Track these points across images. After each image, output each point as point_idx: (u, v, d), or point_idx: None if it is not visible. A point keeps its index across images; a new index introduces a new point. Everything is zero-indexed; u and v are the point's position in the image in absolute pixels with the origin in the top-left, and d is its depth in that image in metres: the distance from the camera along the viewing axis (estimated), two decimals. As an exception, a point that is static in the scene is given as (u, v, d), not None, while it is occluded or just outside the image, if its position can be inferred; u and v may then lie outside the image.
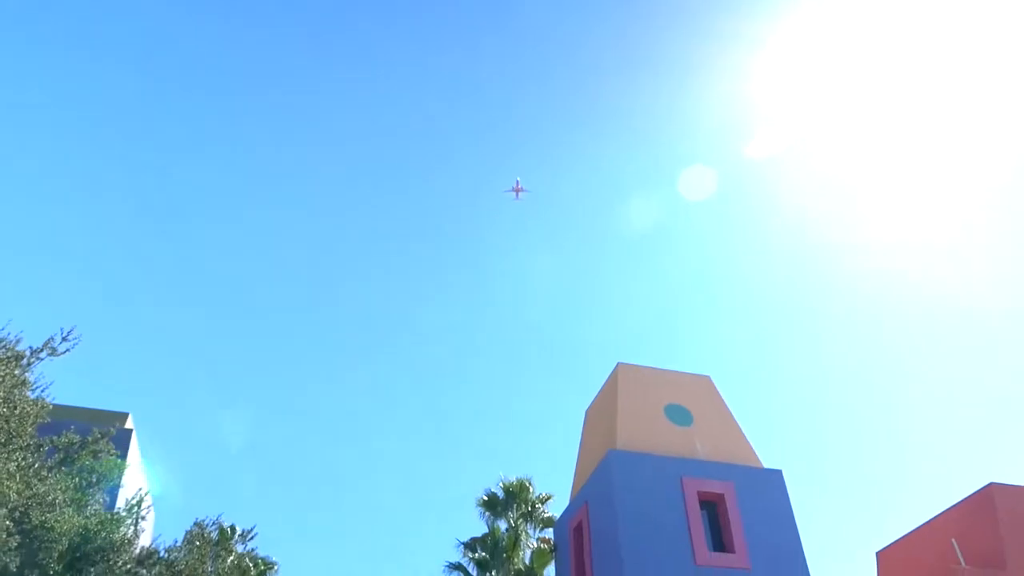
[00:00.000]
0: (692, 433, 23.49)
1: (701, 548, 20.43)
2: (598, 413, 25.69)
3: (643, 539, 20.10)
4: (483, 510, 27.14)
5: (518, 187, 57.51)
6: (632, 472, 21.47)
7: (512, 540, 25.76)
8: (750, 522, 21.33)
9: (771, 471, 23.00)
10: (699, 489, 21.57)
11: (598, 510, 22.17)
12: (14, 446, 9.86)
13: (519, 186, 57.56)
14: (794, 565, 20.87)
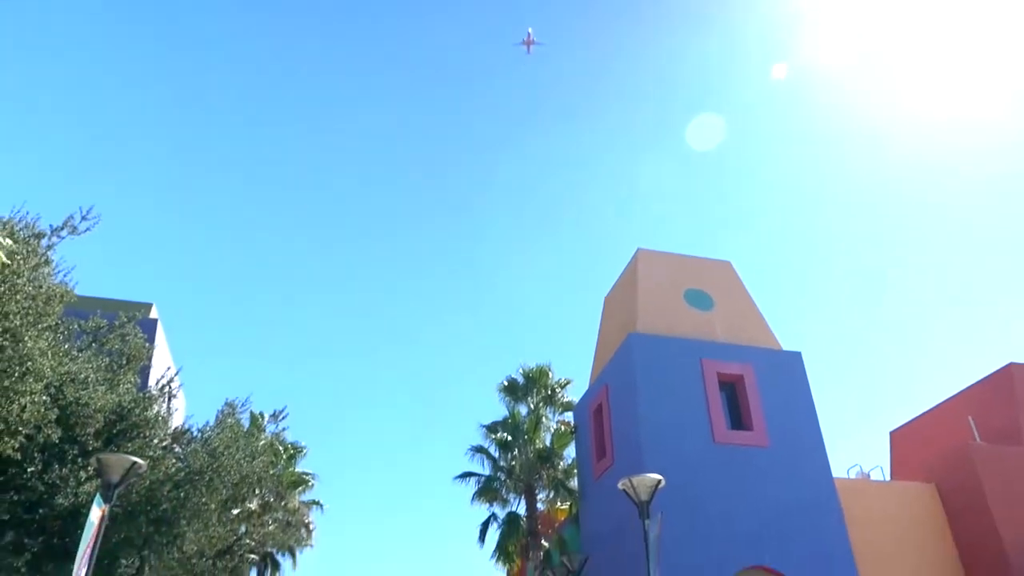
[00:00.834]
0: (712, 317, 23.49)
1: (720, 426, 20.80)
2: (617, 299, 25.68)
3: (662, 418, 20.45)
4: (504, 395, 27.72)
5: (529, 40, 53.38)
6: (652, 354, 21.62)
7: (533, 423, 26.39)
8: (768, 402, 21.61)
9: (790, 353, 23.10)
10: (718, 370, 21.76)
11: (618, 391, 22.50)
12: (43, 325, 9.90)
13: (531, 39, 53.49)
14: (811, 443, 21.25)
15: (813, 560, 19.29)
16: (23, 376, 9.14)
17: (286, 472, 29.53)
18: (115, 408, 12.00)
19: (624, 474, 21.07)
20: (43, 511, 11.23)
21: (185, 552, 12.93)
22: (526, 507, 25.76)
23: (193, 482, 12.57)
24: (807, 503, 20.13)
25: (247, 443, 13.79)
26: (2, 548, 10.37)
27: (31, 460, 10.65)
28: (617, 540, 20.98)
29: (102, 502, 10.19)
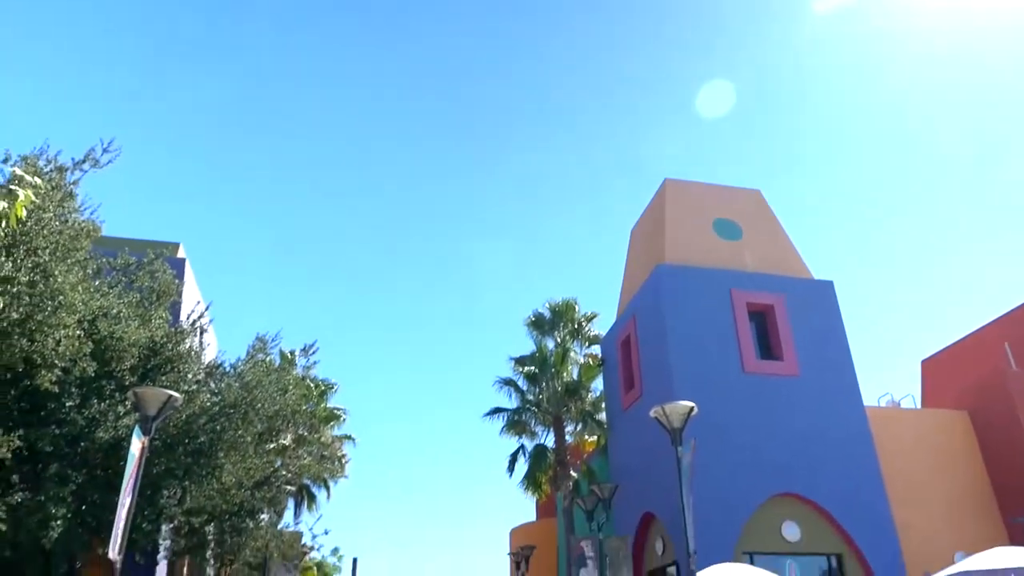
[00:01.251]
0: (741, 247, 23.10)
1: (749, 356, 20.65)
2: (645, 231, 25.31)
3: (691, 349, 20.34)
4: (531, 330, 27.70)
5: None
6: (680, 285, 21.38)
7: (560, 356, 26.41)
8: (799, 332, 21.37)
9: (821, 282, 22.73)
10: (748, 300, 21.50)
11: (646, 323, 22.37)
12: (72, 260, 9.90)
13: None
14: (842, 373, 21.07)
15: (843, 488, 19.34)
16: (56, 310, 9.17)
17: (318, 408, 30.09)
18: (148, 343, 12.09)
19: (652, 405, 21.19)
20: (85, 444, 11.46)
21: (224, 483, 13.17)
22: (554, 439, 26.01)
23: (228, 415, 12.74)
24: (837, 432, 20.08)
25: (279, 378, 13.89)
26: (48, 479, 10.60)
27: (69, 394, 10.81)
28: (645, 469, 21.17)
29: (141, 434, 10.34)
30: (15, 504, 9.92)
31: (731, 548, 17.68)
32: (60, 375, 9.87)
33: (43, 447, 10.54)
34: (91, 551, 12.12)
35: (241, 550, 14.09)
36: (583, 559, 19.15)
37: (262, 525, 14.97)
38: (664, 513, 20.17)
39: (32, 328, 9.15)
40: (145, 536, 12.73)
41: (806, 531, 19.16)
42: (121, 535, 9.78)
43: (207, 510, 13.17)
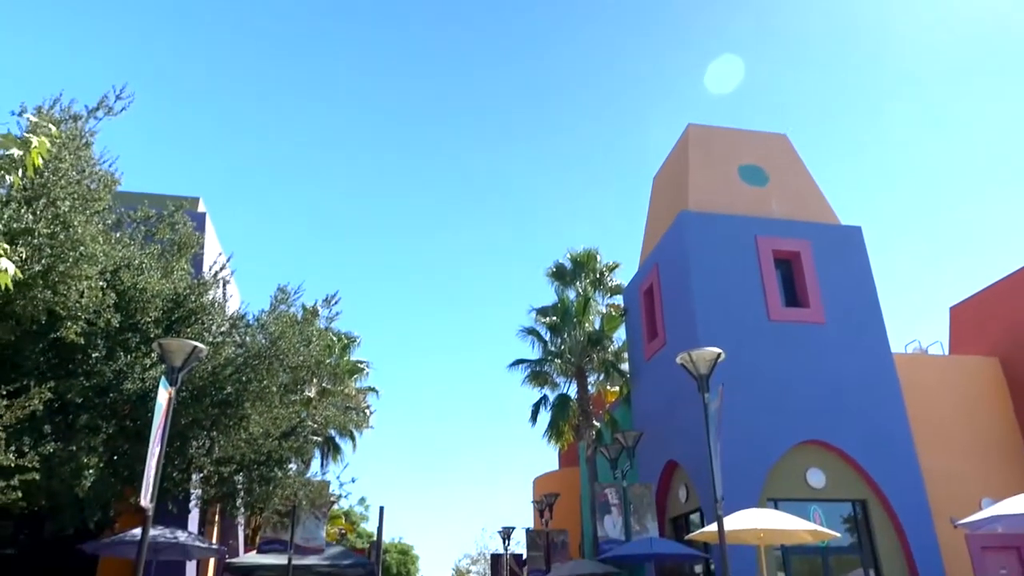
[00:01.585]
0: (767, 193, 22.63)
1: (775, 303, 20.38)
2: (668, 177, 24.85)
3: (716, 297, 20.09)
4: (552, 281, 27.56)
5: None
6: (704, 232, 21.03)
7: (581, 306, 26.27)
8: (826, 279, 21.02)
9: (849, 228, 22.26)
10: (774, 248, 21.13)
11: (669, 271, 22.10)
12: (91, 210, 9.83)
13: None
14: (870, 320, 20.75)
15: (869, 434, 19.21)
16: (77, 261, 9.12)
17: (341, 361, 30.31)
18: (171, 295, 12.08)
19: (676, 354, 21.07)
20: (113, 395, 11.55)
21: (251, 433, 13.28)
22: (577, 389, 26.06)
23: (253, 366, 12.77)
24: (864, 379, 19.87)
25: (302, 329, 13.87)
26: (79, 430, 10.72)
27: (95, 346, 10.85)
28: (668, 418, 21.14)
29: (168, 385, 10.39)
30: (48, 454, 10.04)
31: (755, 495, 17.69)
32: (85, 327, 9.87)
33: (73, 398, 10.62)
34: (124, 500, 12.30)
35: (270, 499, 14.25)
36: (607, 506, 19.29)
37: (290, 474, 15.13)
38: (687, 461, 20.19)
39: (55, 279, 9.12)
40: (176, 485, 12.93)
41: (831, 478, 19.12)
42: (152, 484, 9.90)
43: (235, 460, 13.31)
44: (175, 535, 13.15)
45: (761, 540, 12.87)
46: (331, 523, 33.39)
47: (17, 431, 9.80)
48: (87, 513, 11.28)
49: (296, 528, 16.56)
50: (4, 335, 9.25)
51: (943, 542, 18.72)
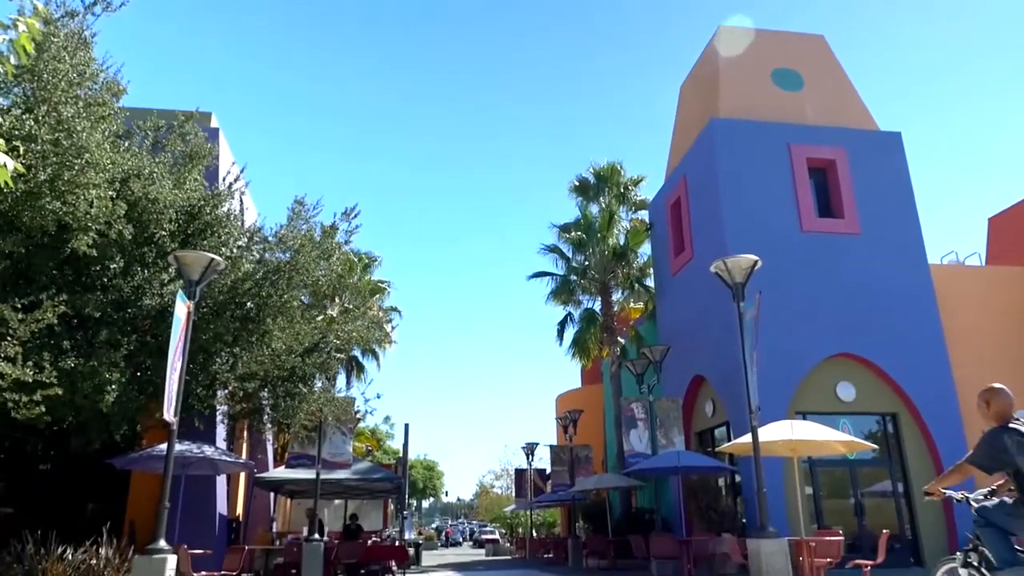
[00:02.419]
0: (802, 98, 21.54)
1: (808, 214, 19.65)
2: (696, 84, 23.74)
3: (746, 208, 19.39)
4: (575, 195, 26.84)
5: None
6: (735, 140, 20.15)
7: (605, 221, 25.64)
8: (862, 188, 20.18)
9: (888, 134, 21.22)
10: (808, 155, 20.23)
11: (698, 182, 21.33)
12: (96, 115, 9.33)
13: None
14: (907, 230, 19.99)
15: (903, 347, 18.76)
16: (83, 169, 8.68)
17: (362, 281, 30.14)
18: (185, 207, 11.67)
19: (704, 268, 20.53)
20: (132, 311, 11.32)
21: (274, 349, 13.08)
22: (601, 305, 25.71)
23: (272, 281, 12.45)
24: (899, 290, 19.28)
25: (322, 242, 13.46)
26: (99, 345, 10.53)
27: (110, 259, 10.53)
28: (695, 333, 20.79)
29: (185, 298, 10.11)
30: (69, 369, 9.88)
31: (784, 408, 17.44)
32: (96, 238, 9.52)
33: (90, 313, 10.38)
34: (150, 415, 12.25)
35: (295, 414, 14.17)
36: (633, 420, 19.19)
37: (315, 390, 15.03)
38: (714, 375, 19.94)
39: (61, 188, 8.72)
40: (201, 401, 12.84)
41: (861, 391, 18.81)
42: (175, 398, 9.75)
43: (259, 376, 13.17)
44: (202, 450, 13.16)
45: (794, 451, 12.64)
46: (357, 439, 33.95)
47: (36, 347, 9.61)
48: (112, 428, 11.22)
49: (323, 443, 16.60)
50: (14, 247, 8.92)
51: (974, 454, 18.49)
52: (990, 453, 5.04)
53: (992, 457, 5.01)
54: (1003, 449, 4.89)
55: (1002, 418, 5.10)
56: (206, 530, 15.41)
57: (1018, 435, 4.87)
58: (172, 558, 9.37)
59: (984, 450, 5.10)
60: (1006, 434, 4.94)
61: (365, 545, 17.59)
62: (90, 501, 15.75)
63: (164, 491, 9.65)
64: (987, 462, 5.08)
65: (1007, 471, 4.99)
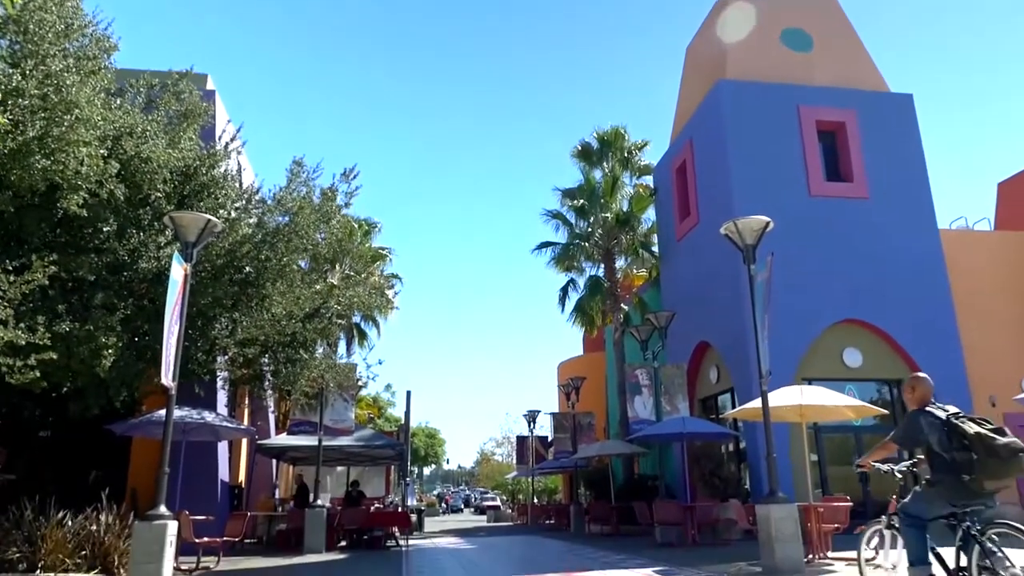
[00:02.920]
0: (811, 59, 21.03)
1: (816, 178, 19.30)
2: (703, 46, 23.19)
3: (753, 171, 19.02)
4: (578, 161, 26.43)
5: None
6: (743, 102, 19.70)
7: (609, 186, 25.27)
8: (872, 151, 19.79)
9: (899, 95, 20.76)
10: (817, 118, 19.81)
11: (705, 146, 20.92)
12: (86, 70, 8.97)
13: None
14: (916, 194, 19.64)
15: (911, 313, 18.54)
16: (73, 126, 8.35)
17: (363, 247, 29.84)
18: (180, 167, 11.32)
19: (710, 232, 20.21)
20: (128, 274, 11.06)
21: (274, 314, 12.84)
22: (604, 272, 25.44)
23: (271, 244, 12.16)
24: (908, 256, 19.01)
25: (321, 205, 13.13)
26: (95, 309, 10.28)
27: (103, 220, 10.23)
28: (700, 299, 20.55)
29: (182, 260, 9.84)
30: (64, 333, 9.64)
31: (790, 375, 17.23)
32: (87, 198, 9.21)
33: (84, 276, 10.12)
34: (149, 381, 12.03)
35: (296, 380, 13.98)
36: (638, 387, 19.03)
37: (316, 356, 14.83)
38: (719, 342, 19.75)
39: (51, 146, 8.39)
40: (200, 367, 12.63)
41: (868, 357, 18.63)
42: (172, 362, 9.52)
43: (259, 341, 12.94)
44: (202, 416, 12.99)
45: (803, 417, 12.44)
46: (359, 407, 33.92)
47: (31, 310, 9.37)
48: (111, 394, 11.01)
49: (325, 410, 16.46)
50: (3, 206, 8.63)
51: (980, 420, 18.35)
52: (908, 432, 5.53)
53: (910, 436, 5.52)
54: (919, 429, 5.40)
55: (922, 402, 5.61)
56: (208, 496, 15.33)
57: (932, 417, 5.38)
58: (173, 524, 9.21)
59: (904, 429, 5.60)
60: (923, 416, 5.44)
61: (367, 511, 17.55)
62: (92, 468, 15.64)
63: (163, 457, 9.47)
64: (906, 440, 5.61)
65: (921, 448, 5.49)
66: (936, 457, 5.29)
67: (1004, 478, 5.06)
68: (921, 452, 5.54)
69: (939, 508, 5.35)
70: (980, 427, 5.15)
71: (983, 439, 5.03)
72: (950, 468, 5.16)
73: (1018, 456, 5.00)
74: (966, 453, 5.08)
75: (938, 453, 5.25)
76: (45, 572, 8.96)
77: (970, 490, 5.12)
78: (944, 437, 5.24)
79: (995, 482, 5.08)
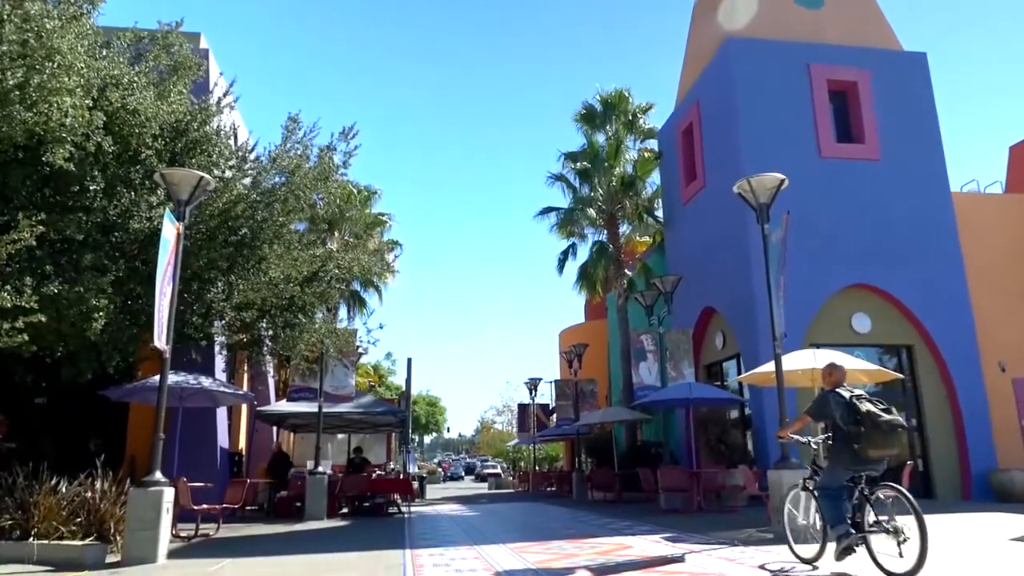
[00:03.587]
0: (822, 16, 20.40)
1: (827, 139, 18.81)
2: (711, 2, 22.50)
3: (762, 132, 18.51)
4: (581, 124, 25.83)
5: None
6: (752, 61, 19.13)
7: (613, 150, 24.75)
8: (883, 112, 19.27)
9: (913, 54, 20.17)
10: (828, 77, 19.25)
11: (712, 107, 20.39)
12: (68, 15, 8.49)
13: None
14: (929, 156, 19.17)
15: (921, 278, 18.19)
16: (55, 74, 7.89)
17: (362, 213, 29.38)
18: (171, 122, 10.85)
19: (717, 195, 19.78)
20: (119, 235, 10.67)
21: (272, 277, 12.47)
22: (608, 237, 25.02)
23: (267, 203, 11.74)
24: (920, 219, 18.60)
25: (319, 163, 12.67)
26: (85, 270, 9.90)
27: (92, 177, 9.80)
28: (706, 263, 20.18)
29: (174, 219, 9.45)
30: (52, 295, 9.28)
31: (798, 341, 16.91)
32: (73, 151, 8.78)
33: (73, 235, 9.73)
34: (145, 347, 11.69)
35: (295, 345, 13.66)
36: (643, 353, 18.74)
37: (316, 321, 14.49)
38: (726, 307, 19.42)
39: (33, 96, 7.95)
40: (196, 331, 12.31)
41: (877, 323, 18.31)
42: (165, 325, 9.18)
43: (256, 304, 12.59)
44: (199, 381, 12.68)
45: (814, 381, 12.13)
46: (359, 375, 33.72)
47: (17, 271, 9.00)
48: (104, 358, 10.68)
49: (325, 376, 16.18)
50: (-17, 160, 8.21)
51: (989, 388, 18.11)
52: (819, 408, 6.71)
53: (821, 410, 6.69)
54: (829, 405, 6.54)
55: (835, 384, 6.76)
56: (207, 463, 15.09)
57: (839, 396, 6.49)
58: (169, 491, 8.95)
59: (817, 405, 6.78)
60: (832, 395, 6.59)
61: (370, 478, 17.36)
62: (92, 436, 15.38)
63: (158, 422, 9.18)
64: (818, 414, 6.76)
65: (828, 421, 6.63)
66: (837, 430, 6.41)
67: (886, 448, 6.12)
68: (828, 425, 6.62)
69: (841, 476, 6.39)
70: (872, 406, 6.20)
71: (871, 415, 6.10)
72: (846, 438, 6.28)
73: (896, 430, 6.08)
74: (857, 427, 6.16)
75: (839, 426, 6.36)
76: (39, 539, 8.70)
77: (860, 458, 6.18)
78: (845, 413, 6.31)
79: (879, 451, 6.13)
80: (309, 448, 19.49)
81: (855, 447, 6.13)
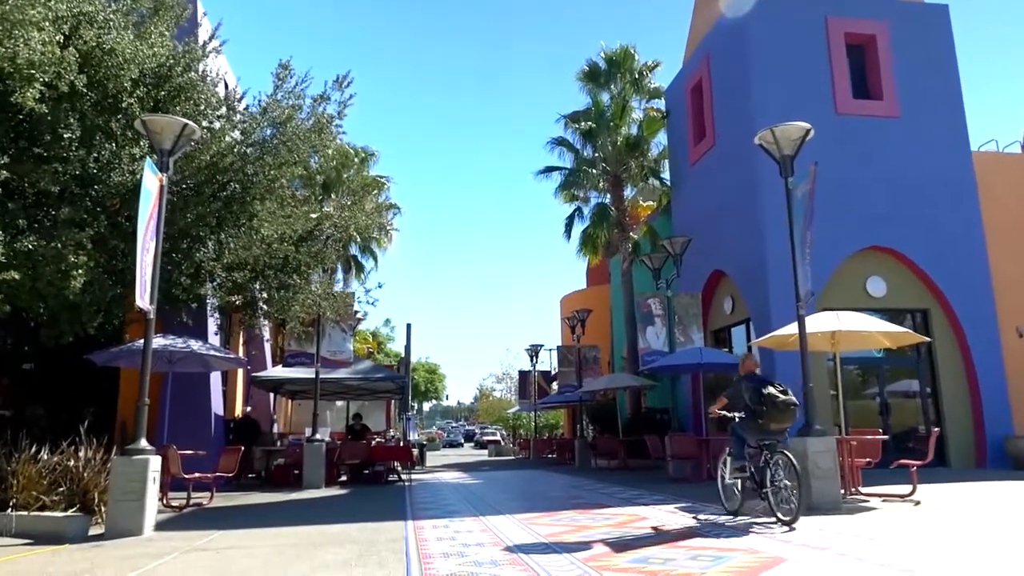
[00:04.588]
0: (841, -34, 19.44)
1: (844, 95, 18.03)
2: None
3: (776, 88, 17.72)
4: (585, 83, 24.95)
5: None
6: (765, 14, 18.25)
7: (618, 109, 23.93)
8: (902, 67, 18.46)
9: (934, 6, 19.29)
10: (846, 30, 18.40)
11: (723, 62, 19.55)
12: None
13: None
14: (949, 114, 18.40)
15: (939, 240, 17.57)
16: (21, 6, 7.16)
17: (360, 176, 28.60)
18: (152, 67, 10.08)
19: (728, 154, 19.06)
20: (99, 188, 10.00)
21: (264, 236, 11.83)
22: (612, 200, 24.31)
23: (258, 156, 11.05)
24: (938, 179, 17.92)
25: (312, 114, 11.94)
26: (63, 224, 9.25)
27: (67, 125, 9.08)
28: (715, 225, 19.52)
29: (156, 170, 8.76)
30: (27, 251, 8.65)
31: (811, 305, 16.29)
32: (44, 91, 8.06)
33: (48, 186, 9.05)
34: (131, 308, 11.07)
35: (290, 307, 13.04)
36: (650, 317, 18.16)
37: (312, 282, 13.87)
38: (736, 270, 18.81)
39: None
40: (185, 291, 11.68)
41: (892, 286, 17.74)
42: (148, 282, 8.56)
43: (249, 264, 11.97)
44: (188, 344, 12.09)
45: (835, 346, 11.59)
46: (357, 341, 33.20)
47: (-11, 226, 8.36)
48: (85, 319, 10.07)
49: (322, 340, 15.61)
50: (-56, 101, 7.51)
51: (1007, 353, 17.60)
52: (735, 391, 8.40)
53: (736, 393, 8.34)
54: (742, 389, 8.18)
55: (748, 371, 8.48)
56: (201, 431, 14.57)
57: (749, 381, 8.16)
58: (155, 459, 8.40)
59: (733, 389, 8.49)
60: (744, 380, 8.26)
61: (370, 445, 16.88)
62: (84, 402, 14.85)
63: (143, 386, 8.57)
64: (733, 396, 8.42)
65: (741, 402, 8.14)
66: (748, 409, 8.02)
67: (783, 422, 7.89)
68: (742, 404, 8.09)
69: (751, 439, 8.12)
70: (774, 389, 7.85)
71: (771, 396, 7.79)
72: (753, 414, 7.95)
73: (790, 408, 7.83)
74: (761, 406, 7.82)
75: (748, 405, 7.98)
76: (17, 511, 8.17)
77: (763, 430, 7.91)
78: (754, 395, 7.92)
79: (777, 424, 7.87)
80: (307, 415, 19.00)
81: (759, 422, 7.85)
